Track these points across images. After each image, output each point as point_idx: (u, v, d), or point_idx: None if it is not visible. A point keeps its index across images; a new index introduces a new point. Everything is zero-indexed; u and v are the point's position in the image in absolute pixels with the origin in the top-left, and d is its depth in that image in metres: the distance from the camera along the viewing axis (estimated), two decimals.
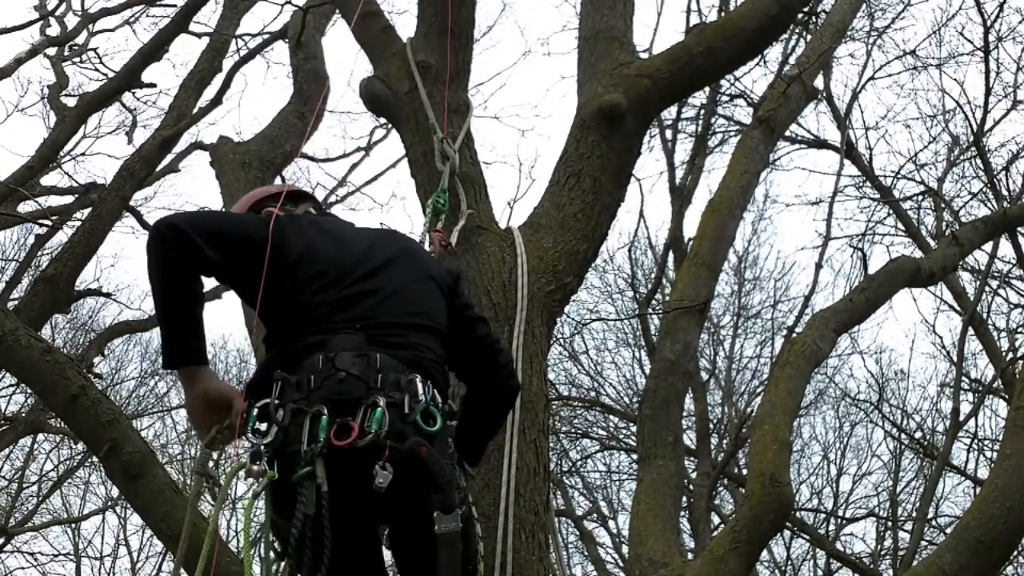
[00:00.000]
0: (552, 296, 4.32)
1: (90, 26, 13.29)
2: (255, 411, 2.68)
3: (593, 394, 14.62)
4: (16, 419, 13.82)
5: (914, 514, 13.06)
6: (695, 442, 10.41)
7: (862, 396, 14.84)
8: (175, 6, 10.47)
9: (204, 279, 2.84)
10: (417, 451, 2.59)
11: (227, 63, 9.37)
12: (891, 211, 11.36)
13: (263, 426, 2.67)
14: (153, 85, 10.57)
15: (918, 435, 13.80)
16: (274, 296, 2.83)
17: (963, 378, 10.92)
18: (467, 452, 3.03)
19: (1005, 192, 11.00)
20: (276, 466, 2.60)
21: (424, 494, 2.62)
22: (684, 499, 8.76)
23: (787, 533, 13.43)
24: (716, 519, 12.76)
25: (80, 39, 13.26)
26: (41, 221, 11.72)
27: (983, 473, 11.63)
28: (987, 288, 10.93)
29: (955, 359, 10.02)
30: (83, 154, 14.54)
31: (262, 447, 2.61)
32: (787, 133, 10.20)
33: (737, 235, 7.93)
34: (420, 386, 2.70)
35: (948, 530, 8.38)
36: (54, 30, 13.04)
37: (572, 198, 4.50)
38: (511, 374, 3.18)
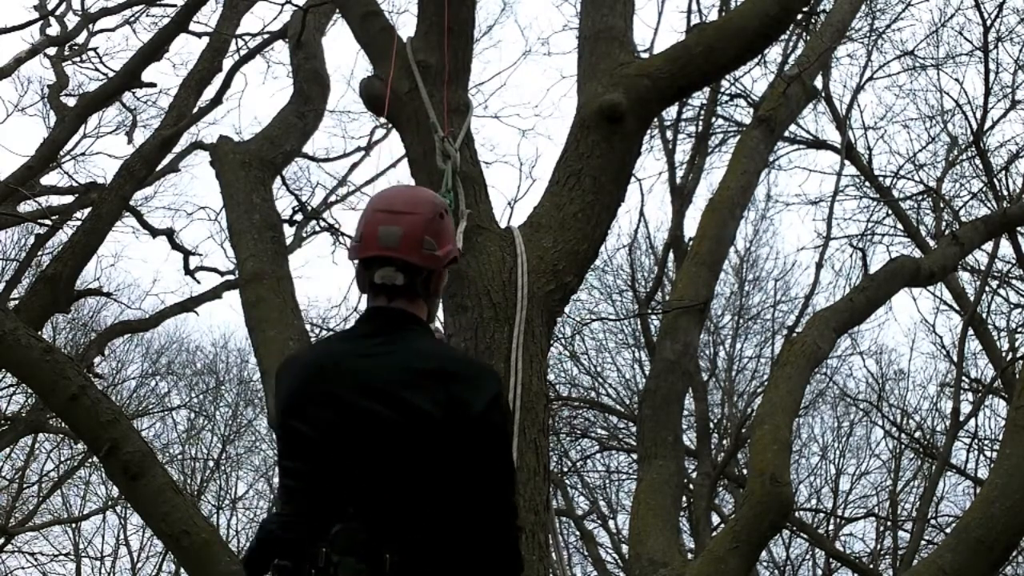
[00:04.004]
0: (552, 296, 4.32)
1: (90, 26, 13.29)
2: None
3: (593, 394, 14.63)
4: (16, 419, 13.83)
5: (914, 514, 13.07)
6: (695, 442, 10.41)
7: (862, 396, 14.88)
8: (175, 6, 10.48)
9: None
10: None
11: (227, 63, 9.38)
12: (891, 211, 11.36)
13: None
14: (153, 85, 10.59)
15: (918, 435, 13.81)
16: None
17: (963, 378, 10.94)
18: None
19: (1005, 192, 11.01)
20: None
21: None
22: (684, 499, 8.77)
23: (786, 533, 13.45)
24: (716, 519, 12.78)
25: (80, 39, 13.27)
26: (41, 221, 11.75)
27: (983, 473, 11.64)
28: (987, 288, 10.93)
29: (955, 359, 10.02)
30: (83, 154, 14.58)
31: None
32: (787, 133, 10.22)
33: (738, 235, 7.95)
34: None
35: (948, 530, 8.38)
36: (54, 30, 13.05)
37: (572, 198, 4.50)
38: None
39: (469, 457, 2.41)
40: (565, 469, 13.73)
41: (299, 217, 11.34)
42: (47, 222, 11.63)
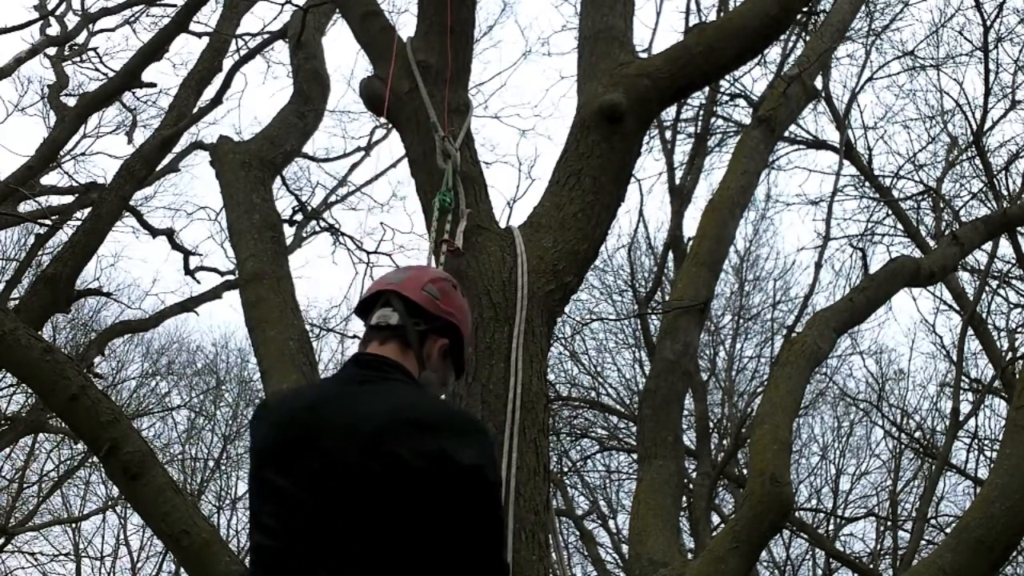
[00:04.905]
0: (552, 296, 4.32)
1: (90, 26, 13.31)
2: None
3: (593, 394, 14.63)
4: (16, 419, 13.84)
5: (914, 514, 13.07)
6: (695, 442, 10.41)
7: (862, 396, 14.89)
8: (175, 6, 10.49)
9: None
10: None
11: (227, 63, 9.38)
12: (890, 211, 11.37)
13: None
14: (153, 85, 10.59)
15: (918, 435, 13.82)
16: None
17: (963, 378, 10.94)
18: None
19: (1005, 192, 11.02)
20: None
21: None
22: (684, 499, 8.77)
23: (786, 533, 13.46)
24: (716, 519, 12.79)
25: (80, 39, 13.29)
26: (41, 221, 11.76)
27: (983, 473, 11.64)
28: (987, 288, 10.94)
29: (955, 359, 10.02)
30: (83, 154, 14.61)
31: None
32: (787, 134, 10.23)
33: (738, 235, 7.96)
34: None
35: (948, 530, 8.38)
36: (54, 30, 13.07)
37: (572, 198, 4.50)
38: None
39: (454, 515, 2.21)
40: (565, 469, 13.73)
41: (299, 217, 11.37)
42: (47, 222, 11.64)
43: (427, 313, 2.54)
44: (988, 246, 9.20)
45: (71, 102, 11.98)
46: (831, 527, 14.94)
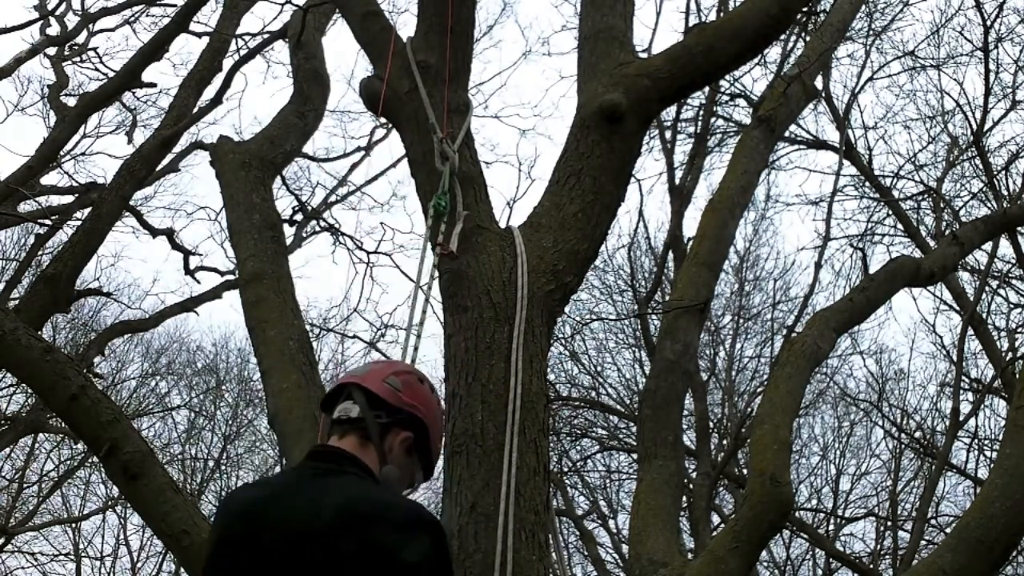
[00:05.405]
0: (552, 296, 4.32)
1: (90, 26, 13.32)
2: None
3: (593, 394, 14.63)
4: (16, 419, 13.84)
5: (914, 514, 13.07)
6: (695, 442, 10.40)
7: (862, 396, 14.89)
8: (175, 6, 10.49)
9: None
10: None
11: (227, 63, 9.39)
12: (891, 211, 11.37)
13: None
14: (153, 85, 10.61)
15: (918, 435, 13.82)
16: None
17: (963, 378, 10.94)
18: None
19: (1005, 192, 11.02)
20: None
21: None
22: (684, 499, 8.76)
23: (787, 533, 13.46)
24: (716, 519, 12.79)
25: (80, 39, 13.31)
26: (41, 221, 11.77)
27: (983, 473, 11.65)
28: (987, 288, 10.94)
29: (955, 359, 10.02)
30: (83, 154, 14.60)
31: None
32: (787, 134, 10.23)
33: (738, 235, 7.96)
34: None
35: (948, 530, 8.39)
36: (54, 30, 13.08)
37: (572, 197, 4.50)
38: None
39: None
40: (565, 469, 13.74)
41: (299, 217, 11.37)
42: (47, 222, 11.66)
43: (389, 405, 2.48)
44: (988, 246, 9.20)
45: (71, 102, 11.99)
46: (831, 527, 14.95)
